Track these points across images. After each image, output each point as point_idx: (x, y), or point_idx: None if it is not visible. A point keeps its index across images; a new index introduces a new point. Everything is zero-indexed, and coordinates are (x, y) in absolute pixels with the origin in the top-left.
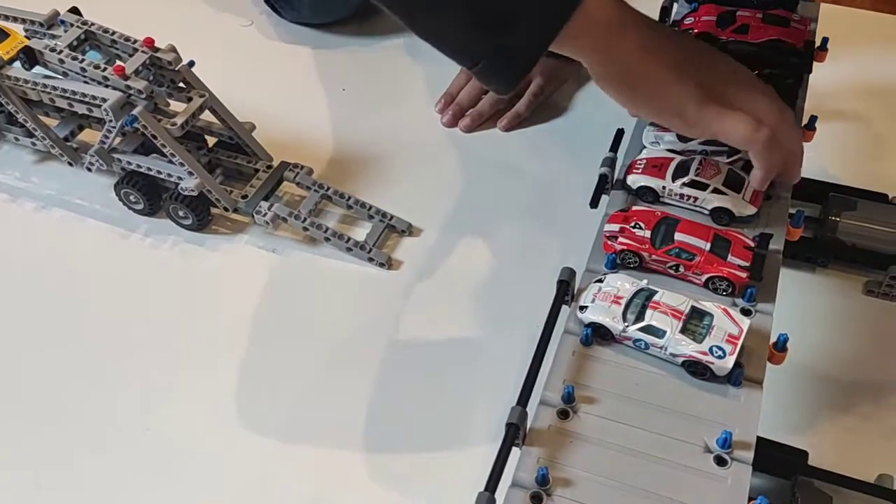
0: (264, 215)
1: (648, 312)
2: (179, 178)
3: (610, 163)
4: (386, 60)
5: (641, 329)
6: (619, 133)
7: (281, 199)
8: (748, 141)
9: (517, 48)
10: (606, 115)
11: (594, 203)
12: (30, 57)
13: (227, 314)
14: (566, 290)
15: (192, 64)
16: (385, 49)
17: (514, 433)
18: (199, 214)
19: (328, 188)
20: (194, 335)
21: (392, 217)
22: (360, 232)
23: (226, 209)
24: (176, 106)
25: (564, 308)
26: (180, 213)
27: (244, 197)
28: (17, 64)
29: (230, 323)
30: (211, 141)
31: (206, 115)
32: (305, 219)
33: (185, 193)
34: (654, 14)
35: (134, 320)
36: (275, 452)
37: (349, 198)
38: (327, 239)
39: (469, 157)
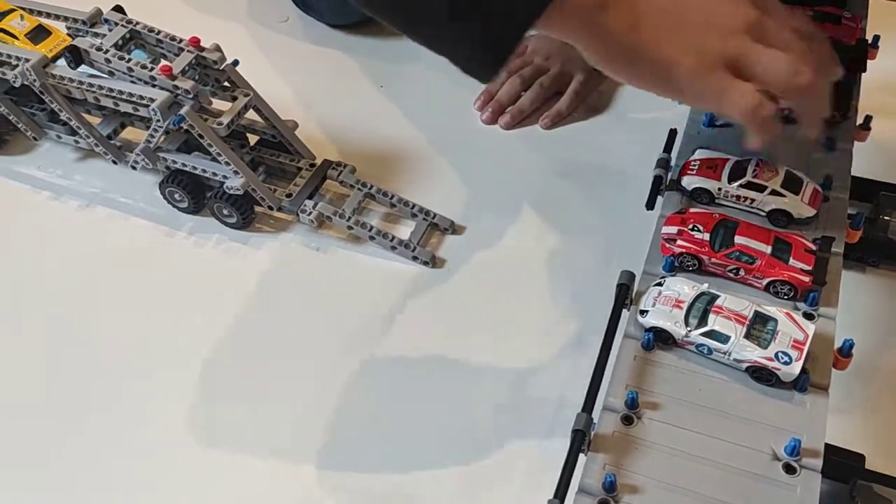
0: (309, 214)
1: (711, 317)
2: (225, 177)
3: (664, 164)
4: (422, 58)
5: (705, 334)
6: (672, 133)
7: (324, 198)
8: (751, 118)
9: (497, 36)
10: (648, 112)
11: (650, 205)
12: (75, 56)
13: (272, 313)
14: (626, 294)
15: (236, 63)
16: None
17: (582, 440)
18: (244, 213)
19: (371, 186)
20: (239, 333)
21: (435, 215)
22: (403, 230)
23: (270, 208)
24: (218, 104)
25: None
26: (225, 212)
27: (288, 196)
28: (61, 62)
29: (275, 321)
30: (252, 139)
31: (250, 114)
32: (350, 217)
33: (231, 192)
34: None
35: (179, 318)
36: (328, 450)
37: (392, 196)
38: (372, 238)
39: (510, 154)
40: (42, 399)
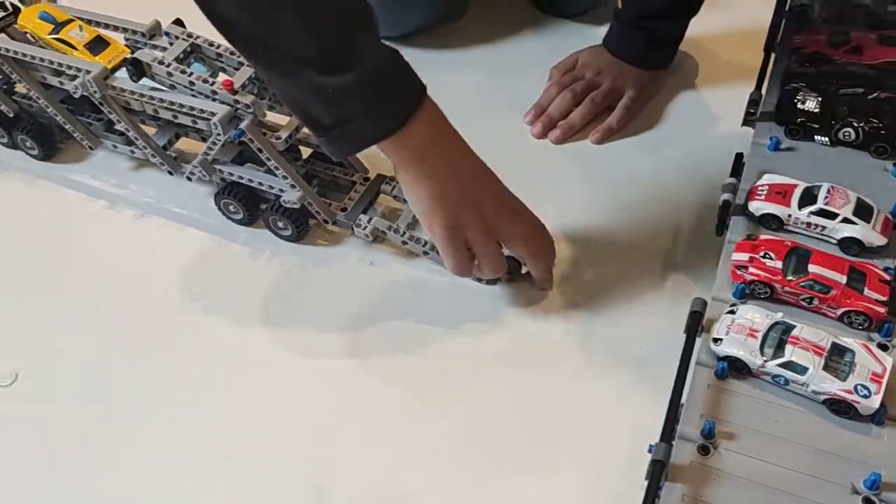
0: (364, 228)
1: (788, 348)
2: (281, 191)
3: (732, 188)
4: (469, 71)
5: (782, 365)
6: (739, 157)
7: (377, 212)
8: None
9: (349, 138)
10: (697, 129)
11: (720, 230)
12: (137, 68)
13: (325, 326)
14: (700, 322)
15: None
16: (468, 60)
17: (662, 471)
18: (299, 226)
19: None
20: (293, 345)
21: None
22: None
23: (325, 221)
24: (272, 116)
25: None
26: (280, 224)
27: (343, 210)
28: (120, 73)
29: (328, 334)
30: (305, 152)
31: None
32: (404, 232)
33: (287, 206)
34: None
35: (233, 329)
36: (386, 468)
37: None
38: (426, 253)
39: (559, 169)
40: (98, 402)
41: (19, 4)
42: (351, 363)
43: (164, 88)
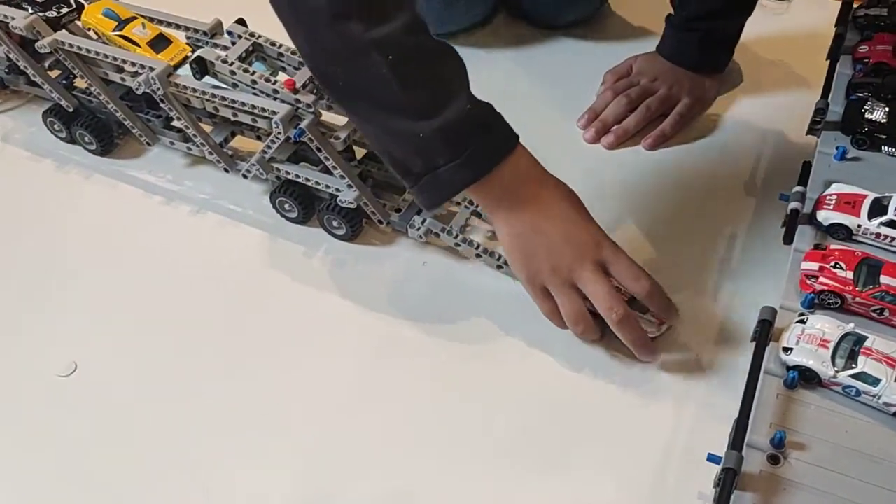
0: (418, 229)
1: (861, 359)
2: (337, 190)
3: (800, 197)
4: (519, 71)
5: (854, 376)
6: (806, 166)
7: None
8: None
9: (439, 184)
10: (751, 140)
11: (789, 239)
12: (201, 67)
13: (378, 324)
14: (769, 331)
15: None
16: (517, 60)
17: (732, 479)
18: (353, 225)
19: (477, 205)
20: (345, 344)
21: None
22: None
23: (380, 222)
24: (329, 117)
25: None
26: (334, 224)
27: (397, 210)
28: (180, 71)
29: (381, 333)
30: (359, 152)
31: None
32: (457, 234)
33: (343, 205)
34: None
35: (287, 326)
36: (429, 472)
37: None
38: (478, 255)
39: (613, 174)
40: (154, 394)
41: (83, 1)
42: (403, 361)
43: (225, 86)
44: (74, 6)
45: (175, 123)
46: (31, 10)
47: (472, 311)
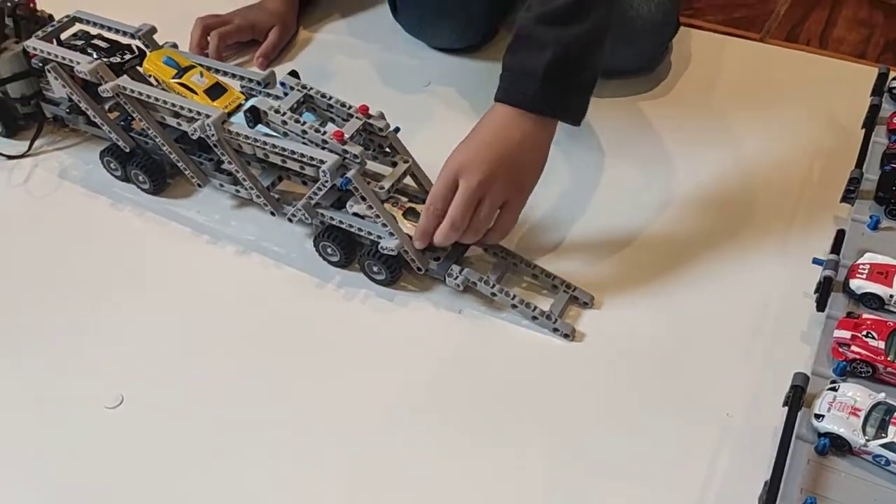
0: (456, 278)
1: (891, 429)
2: (379, 237)
3: (834, 265)
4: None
5: (884, 445)
6: (841, 234)
7: (467, 260)
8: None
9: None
10: (786, 204)
11: (822, 306)
12: (255, 116)
13: (413, 371)
14: (801, 397)
15: (397, 130)
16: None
17: None
18: (393, 271)
19: (514, 255)
20: (380, 388)
21: (575, 288)
22: (541, 300)
23: (419, 269)
24: (372, 166)
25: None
26: (374, 269)
27: (436, 259)
28: (234, 118)
29: (415, 379)
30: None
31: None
32: (494, 285)
33: (385, 252)
34: None
35: (326, 365)
36: None
37: (534, 266)
38: (514, 306)
39: (645, 224)
40: (198, 428)
41: (145, 49)
42: (436, 407)
43: (276, 135)
44: (137, 53)
45: (225, 166)
46: (95, 56)
47: (507, 359)
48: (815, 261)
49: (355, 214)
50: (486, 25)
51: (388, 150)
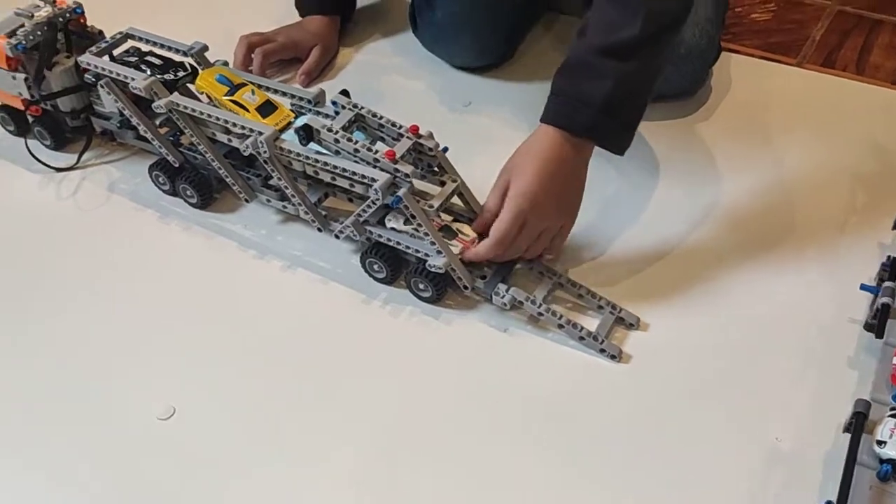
0: (502, 297)
1: None
2: (427, 255)
3: (891, 292)
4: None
5: None
6: (893, 261)
7: (512, 278)
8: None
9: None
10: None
11: (880, 333)
12: (308, 134)
13: (459, 389)
14: (864, 423)
15: (446, 150)
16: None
17: None
18: (439, 289)
19: (560, 275)
20: (426, 405)
21: (621, 309)
22: (586, 320)
23: (465, 287)
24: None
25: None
26: (421, 286)
27: (482, 277)
28: (284, 135)
29: (462, 397)
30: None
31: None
32: (541, 304)
33: (432, 270)
34: None
35: (372, 381)
36: None
37: (580, 287)
38: (560, 326)
39: (690, 247)
40: (247, 440)
41: (197, 66)
42: (479, 426)
43: (327, 152)
44: (190, 70)
45: (273, 182)
46: (149, 73)
47: (553, 379)
48: (864, 287)
49: (393, 229)
50: (504, 46)
51: (436, 169)
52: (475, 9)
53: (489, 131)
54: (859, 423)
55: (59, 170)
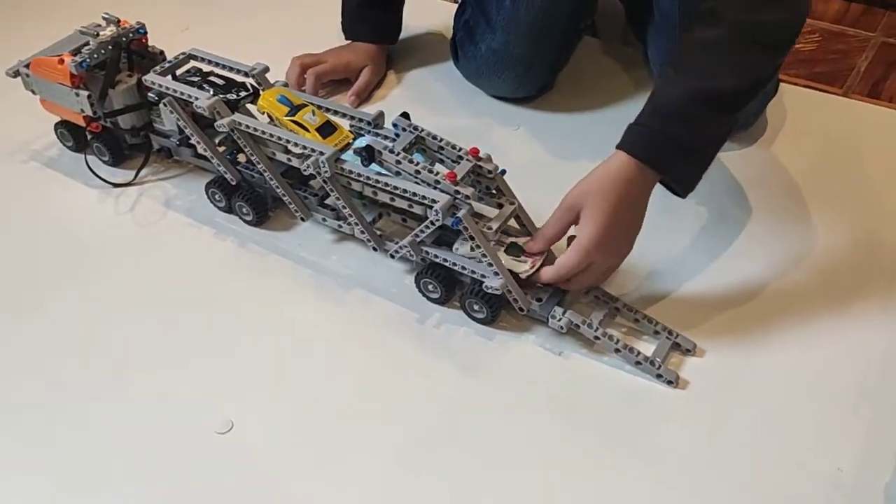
0: (559, 320)
1: None
2: (483, 276)
3: None
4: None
5: None
6: None
7: (566, 301)
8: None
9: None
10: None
11: None
12: (370, 155)
13: (513, 412)
14: None
15: (503, 172)
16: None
17: None
18: (494, 310)
19: (617, 299)
20: (480, 428)
21: (678, 335)
22: (642, 345)
23: (521, 310)
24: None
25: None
26: (475, 307)
27: (538, 300)
28: (343, 156)
29: (515, 421)
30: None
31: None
32: (597, 328)
33: (489, 291)
34: None
35: (424, 404)
36: None
37: (636, 311)
38: (617, 350)
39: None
40: (303, 454)
41: (257, 87)
42: (533, 450)
43: (388, 173)
44: (252, 91)
45: (329, 201)
46: (212, 92)
47: (608, 404)
48: None
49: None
50: (547, 78)
51: (493, 191)
52: (518, 45)
53: (538, 155)
54: None
55: (116, 185)
